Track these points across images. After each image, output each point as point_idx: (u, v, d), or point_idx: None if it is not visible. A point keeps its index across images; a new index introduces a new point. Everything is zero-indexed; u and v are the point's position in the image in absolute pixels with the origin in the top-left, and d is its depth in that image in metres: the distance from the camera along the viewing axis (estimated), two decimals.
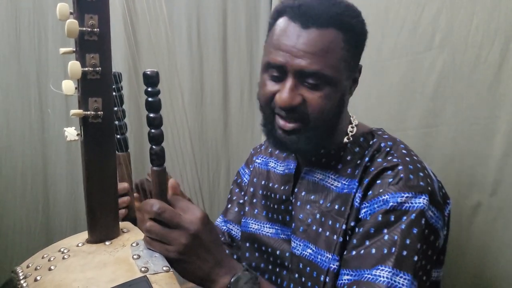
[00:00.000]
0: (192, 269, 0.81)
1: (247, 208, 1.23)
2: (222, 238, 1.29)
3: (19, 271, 0.78)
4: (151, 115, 0.77)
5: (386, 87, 1.52)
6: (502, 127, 1.20)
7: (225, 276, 0.83)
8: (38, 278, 0.73)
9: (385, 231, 0.90)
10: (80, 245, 0.80)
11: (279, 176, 1.18)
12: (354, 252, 0.92)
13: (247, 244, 1.20)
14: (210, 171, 2.15)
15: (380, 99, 1.54)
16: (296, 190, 1.10)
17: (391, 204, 0.91)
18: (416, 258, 0.87)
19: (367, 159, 1.00)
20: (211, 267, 0.82)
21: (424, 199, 0.91)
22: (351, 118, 1.10)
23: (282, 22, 0.97)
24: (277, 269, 1.12)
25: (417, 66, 1.41)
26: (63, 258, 0.76)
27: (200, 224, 0.80)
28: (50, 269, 0.74)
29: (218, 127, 2.15)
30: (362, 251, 0.91)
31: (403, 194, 0.91)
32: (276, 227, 1.14)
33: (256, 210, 1.20)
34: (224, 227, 1.31)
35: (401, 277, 0.86)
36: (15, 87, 1.69)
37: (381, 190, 0.93)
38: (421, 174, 0.95)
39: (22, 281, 0.75)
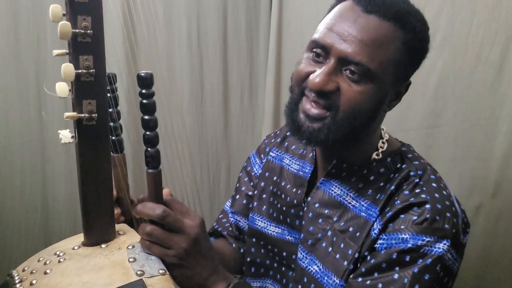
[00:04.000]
0: (189, 275, 0.80)
1: (255, 203, 1.19)
2: (230, 229, 1.25)
3: (15, 275, 0.77)
4: (146, 117, 0.76)
5: None
6: (503, 128, 1.20)
7: (221, 283, 0.82)
8: (34, 282, 0.72)
9: (397, 269, 0.86)
10: (76, 248, 0.79)
11: (292, 176, 1.12)
12: (360, 279, 0.89)
13: (254, 240, 1.17)
14: (210, 172, 2.14)
15: None
16: (309, 199, 1.04)
17: (409, 245, 0.86)
18: None
19: (393, 187, 0.93)
20: (208, 274, 0.82)
21: (445, 244, 0.86)
22: (382, 131, 1.03)
23: (345, 4, 0.91)
24: (283, 269, 1.11)
25: None
26: (59, 261, 0.76)
27: (200, 229, 0.80)
28: (45, 273, 0.73)
29: (218, 128, 2.14)
30: (368, 282, 0.88)
31: (424, 238, 0.86)
32: (282, 228, 1.11)
33: (264, 207, 1.16)
34: (232, 219, 1.26)
35: None
36: (14, 87, 1.68)
37: (402, 227, 0.88)
38: (448, 214, 0.89)
39: (17, 285, 0.74)
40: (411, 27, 0.89)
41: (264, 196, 1.18)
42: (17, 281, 0.75)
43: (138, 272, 0.72)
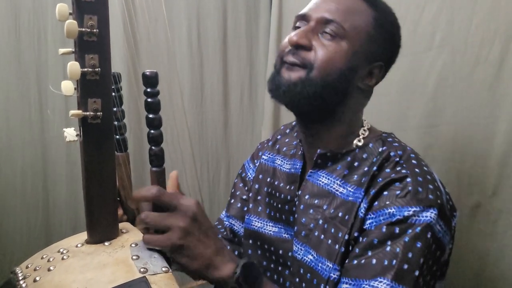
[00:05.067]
0: (195, 255, 0.79)
1: (251, 205, 1.21)
2: (224, 233, 1.27)
3: (19, 272, 0.78)
4: (151, 115, 0.77)
5: (386, 87, 1.52)
6: (502, 127, 1.20)
7: (229, 263, 0.82)
8: (37, 278, 0.73)
9: (389, 243, 0.87)
10: (79, 245, 0.79)
11: (285, 175, 1.16)
12: (355, 261, 0.90)
13: (250, 241, 1.18)
14: (210, 172, 2.15)
15: (380, 99, 1.54)
16: (299, 192, 1.08)
17: (397, 217, 0.88)
18: (417, 272, 0.85)
19: (375, 168, 0.97)
20: (213, 253, 0.81)
21: (432, 212, 0.88)
22: (364, 121, 1.09)
23: None
24: (279, 268, 1.12)
25: (417, 66, 1.41)
26: (62, 258, 0.76)
27: (196, 207, 0.79)
28: (49, 270, 0.74)
29: (218, 127, 2.15)
30: (363, 261, 0.89)
31: (410, 208, 0.88)
32: (279, 226, 1.12)
33: (260, 208, 1.18)
34: (227, 223, 1.29)
35: None
36: (15, 87, 1.69)
37: (387, 202, 0.91)
38: (431, 186, 0.92)
39: (21, 282, 0.74)
40: (382, 8, 1.03)
41: (259, 197, 1.20)
42: (20, 278, 0.75)
43: (141, 270, 0.72)
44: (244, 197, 1.28)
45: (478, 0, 1.25)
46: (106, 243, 0.79)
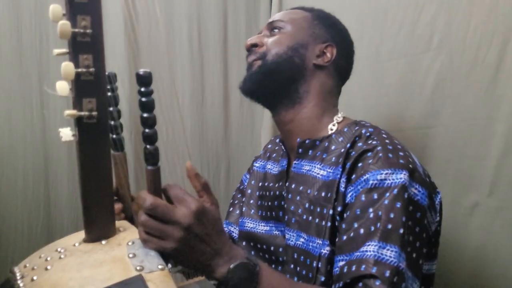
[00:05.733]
0: (189, 261, 0.80)
1: (244, 209, 1.27)
2: None
3: (17, 271, 0.78)
4: (145, 115, 0.77)
5: (385, 88, 1.53)
6: (499, 128, 1.21)
7: (224, 265, 0.81)
8: (35, 278, 0.73)
9: (370, 210, 0.91)
10: (76, 244, 0.80)
11: (274, 176, 1.23)
12: (345, 237, 0.93)
13: (244, 243, 1.24)
14: (211, 172, 2.15)
15: (379, 100, 1.55)
16: (287, 184, 1.14)
17: (371, 182, 0.93)
18: (401, 230, 0.88)
19: (348, 145, 1.02)
20: (209, 258, 0.81)
21: (404, 174, 0.92)
22: (339, 113, 1.16)
23: None
24: (273, 265, 1.15)
25: (415, 67, 1.42)
26: (60, 257, 0.76)
27: (193, 217, 0.78)
28: (46, 269, 0.74)
29: (218, 128, 2.15)
30: (351, 234, 0.92)
31: (382, 171, 0.93)
32: (270, 224, 1.18)
33: (252, 210, 1.24)
34: (226, 229, 1.33)
35: (387, 249, 0.86)
36: (17, 88, 1.70)
37: (362, 172, 0.96)
38: (401, 153, 0.97)
39: (19, 281, 0.75)
40: (316, 10, 1.22)
41: (251, 201, 1.26)
42: (18, 277, 0.76)
43: (138, 268, 0.72)
44: (242, 204, 1.33)
45: (475, 2, 1.25)
46: (103, 242, 0.79)
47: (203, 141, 2.12)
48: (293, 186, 1.12)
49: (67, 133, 0.73)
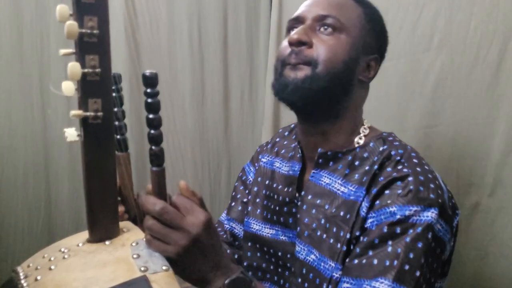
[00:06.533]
0: (189, 271, 0.80)
1: (249, 208, 1.22)
2: (224, 236, 1.28)
3: (20, 271, 0.78)
4: (151, 116, 0.77)
5: (385, 88, 1.53)
6: (500, 128, 1.21)
7: (221, 278, 0.82)
8: (39, 277, 0.73)
9: (390, 243, 0.87)
10: (80, 244, 0.79)
11: (283, 177, 1.16)
12: (356, 261, 0.90)
13: (249, 244, 1.19)
14: (211, 171, 2.15)
15: (379, 100, 1.55)
16: (303, 193, 1.07)
17: (398, 217, 0.88)
18: (418, 273, 0.85)
19: (376, 166, 0.97)
20: (208, 270, 0.81)
21: (433, 212, 0.88)
22: (364, 121, 1.10)
23: None
24: (279, 270, 1.12)
25: (416, 67, 1.42)
26: (63, 257, 0.76)
27: (202, 227, 0.78)
28: (50, 269, 0.74)
29: (218, 127, 2.15)
30: (364, 261, 0.89)
31: (411, 208, 0.88)
32: (276, 228, 1.13)
33: (258, 210, 1.19)
34: (227, 225, 1.29)
35: None
36: (17, 87, 1.70)
37: (389, 201, 0.90)
38: (432, 185, 0.91)
39: (22, 281, 0.74)
40: (368, 4, 1.07)
41: (257, 200, 1.20)
42: (22, 277, 0.75)
43: (142, 268, 0.72)
44: (245, 200, 1.28)
45: (476, 1, 1.25)
46: (107, 242, 0.79)
47: (204, 141, 2.11)
48: (309, 197, 1.05)
49: (72, 133, 0.73)
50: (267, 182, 1.20)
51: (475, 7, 1.25)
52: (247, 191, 1.29)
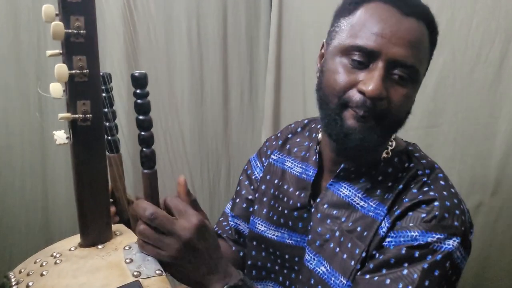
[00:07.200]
0: (184, 274, 0.79)
1: (256, 207, 1.18)
2: (230, 232, 1.25)
3: (12, 277, 0.77)
4: (140, 117, 0.76)
5: None
6: (502, 127, 1.21)
7: (218, 282, 0.80)
8: (30, 284, 0.72)
9: (406, 265, 0.85)
10: (72, 249, 0.78)
11: (294, 179, 1.12)
12: (367, 276, 0.88)
13: (254, 243, 1.16)
14: (210, 171, 2.14)
15: None
16: (318, 200, 1.03)
17: (419, 242, 0.85)
18: None
19: (401, 186, 0.93)
20: (204, 274, 0.79)
21: (455, 241, 0.86)
22: None
23: (375, 6, 0.88)
24: (285, 271, 1.10)
25: None
26: (55, 263, 0.75)
27: (194, 231, 0.76)
28: (42, 275, 0.73)
29: (218, 127, 2.14)
30: (376, 278, 0.87)
31: (434, 235, 0.85)
32: (282, 231, 1.10)
33: (264, 210, 1.15)
34: (232, 222, 1.25)
35: None
36: (14, 87, 1.69)
37: (411, 224, 0.88)
38: (457, 212, 0.89)
39: (14, 287, 0.74)
40: (434, 26, 0.91)
41: (264, 199, 1.17)
42: (13, 283, 0.75)
43: (135, 273, 0.71)
44: (250, 197, 1.24)
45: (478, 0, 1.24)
46: (100, 246, 0.78)
47: (203, 140, 2.10)
48: (325, 206, 1.01)
49: (61, 136, 0.72)
50: (276, 181, 1.16)
51: (477, 5, 1.25)
52: (252, 188, 1.24)
